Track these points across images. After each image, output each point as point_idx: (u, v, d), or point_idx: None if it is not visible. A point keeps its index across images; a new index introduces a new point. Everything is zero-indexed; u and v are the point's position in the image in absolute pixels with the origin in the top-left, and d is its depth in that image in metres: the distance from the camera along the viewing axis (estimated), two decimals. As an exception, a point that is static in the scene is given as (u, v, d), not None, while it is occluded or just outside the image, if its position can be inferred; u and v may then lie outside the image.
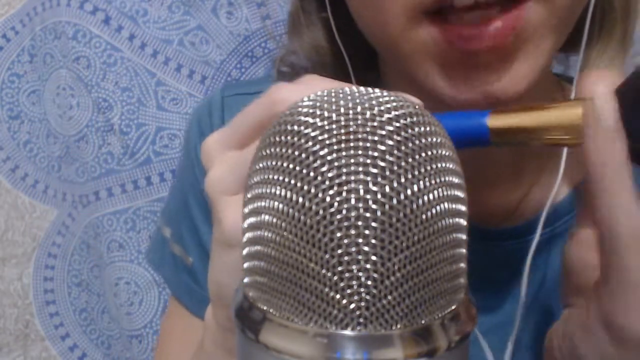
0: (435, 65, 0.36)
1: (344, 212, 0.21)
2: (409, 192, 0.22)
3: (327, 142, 0.22)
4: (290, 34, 0.52)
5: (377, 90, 0.24)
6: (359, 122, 0.22)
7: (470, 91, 0.36)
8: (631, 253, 0.28)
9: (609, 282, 0.29)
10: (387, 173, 0.22)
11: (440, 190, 0.23)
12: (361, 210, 0.21)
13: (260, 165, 0.24)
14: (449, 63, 0.36)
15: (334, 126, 0.22)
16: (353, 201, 0.21)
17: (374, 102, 0.23)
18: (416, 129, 0.23)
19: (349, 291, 0.21)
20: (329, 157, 0.22)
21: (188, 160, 0.57)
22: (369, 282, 0.21)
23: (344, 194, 0.21)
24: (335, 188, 0.22)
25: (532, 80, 0.36)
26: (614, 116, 0.28)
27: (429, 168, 0.22)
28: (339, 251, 0.21)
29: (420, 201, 0.22)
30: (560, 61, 0.48)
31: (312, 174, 0.22)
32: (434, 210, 0.22)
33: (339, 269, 0.21)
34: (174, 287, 0.57)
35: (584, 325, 0.31)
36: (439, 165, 0.23)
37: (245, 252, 0.25)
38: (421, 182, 0.22)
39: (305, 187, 0.22)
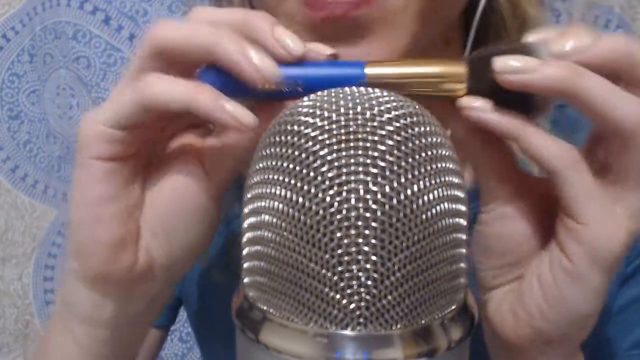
0: (303, 35, 0.37)
1: (344, 212, 0.21)
2: (409, 192, 0.22)
3: (327, 142, 0.22)
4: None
5: (377, 90, 0.24)
6: (359, 122, 0.22)
7: None
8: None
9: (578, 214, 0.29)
10: (387, 173, 0.22)
11: (440, 190, 0.23)
12: (361, 210, 0.21)
13: (260, 165, 0.24)
14: (314, 33, 0.37)
15: (334, 126, 0.22)
16: (353, 201, 0.21)
17: (374, 102, 0.23)
18: (416, 129, 0.23)
19: (349, 291, 0.21)
20: (329, 157, 0.22)
21: None
22: (369, 282, 0.21)
23: (344, 194, 0.21)
24: (335, 188, 0.22)
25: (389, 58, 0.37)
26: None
27: (429, 168, 0.22)
28: (339, 251, 0.21)
29: (420, 201, 0.22)
30: None
31: (312, 174, 0.22)
32: (434, 210, 0.22)
33: (339, 269, 0.21)
34: None
35: (565, 274, 0.30)
36: (439, 165, 0.23)
37: (245, 252, 0.25)
38: (421, 182, 0.22)
39: (306, 187, 0.22)
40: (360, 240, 0.21)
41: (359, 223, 0.21)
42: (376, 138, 0.22)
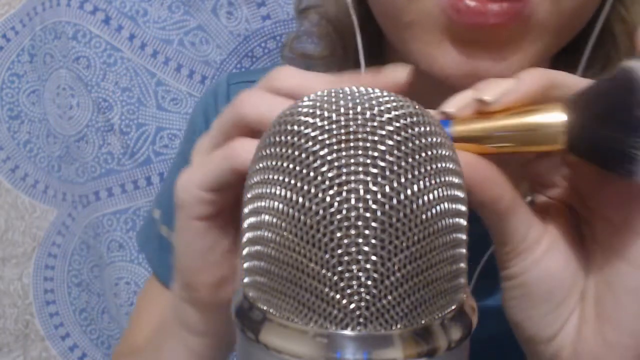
0: (436, 36, 0.36)
1: (344, 212, 0.21)
2: (409, 192, 0.22)
3: (327, 142, 0.22)
4: (300, 11, 0.53)
5: (377, 90, 0.24)
6: (359, 122, 0.22)
7: (461, 63, 0.36)
8: None
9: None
10: (387, 173, 0.22)
11: (440, 190, 0.23)
12: (361, 210, 0.21)
13: (260, 165, 0.24)
14: (450, 34, 0.36)
15: (334, 126, 0.22)
16: (353, 201, 0.21)
17: (374, 102, 0.23)
18: (416, 129, 0.23)
19: (349, 291, 0.21)
20: (329, 157, 0.22)
21: (190, 145, 0.58)
22: (369, 282, 0.21)
23: (344, 194, 0.21)
24: (335, 188, 0.22)
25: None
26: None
27: (429, 168, 0.22)
28: (339, 251, 0.21)
29: (420, 201, 0.22)
30: None
31: (312, 174, 0.22)
32: (434, 210, 0.22)
33: (339, 269, 0.21)
34: (156, 266, 0.59)
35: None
36: (439, 165, 0.23)
37: (245, 252, 0.25)
38: (421, 182, 0.22)
39: (305, 187, 0.22)
40: (360, 240, 0.21)
41: (359, 223, 0.21)
42: (376, 138, 0.22)
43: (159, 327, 0.44)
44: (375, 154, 0.22)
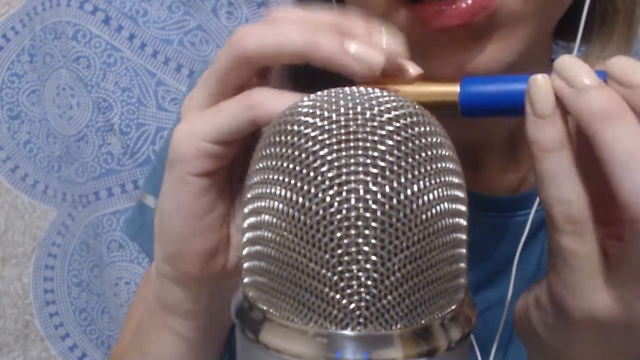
0: (413, 47, 0.35)
1: (344, 212, 0.21)
2: (409, 192, 0.22)
3: (327, 142, 0.22)
4: None
5: (377, 90, 0.24)
6: (359, 122, 0.22)
7: (444, 66, 0.36)
8: None
9: (560, 265, 0.28)
10: (387, 173, 0.22)
11: (440, 190, 0.23)
12: (361, 210, 0.21)
13: (260, 165, 0.24)
14: (426, 43, 0.36)
15: (334, 126, 0.22)
16: (353, 201, 0.21)
17: (374, 102, 0.23)
18: (416, 129, 0.23)
19: (349, 291, 0.22)
20: (329, 157, 0.22)
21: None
22: (369, 282, 0.21)
23: (344, 194, 0.21)
24: (335, 188, 0.22)
25: (507, 63, 0.36)
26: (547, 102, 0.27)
27: (428, 168, 0.22)
28: (339, 251, 0.21)
29: (420, 201, 0.22)
30: (566, 50, 0.48)
31: (312, 174, 0.22)
32: (434, 210, 0.22)
33: (339, 269, 0.21)
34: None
35: (537, 299, 0.31)
36: (439, 165, 0.23)
37: (245, 252, 0.25)
38: (421, 182, 0.22)
39: (305, 187, 0.22)
40: (360, 240, 0.21)
41: (359, 223, 0.21)
42: (376, 138, 0.22)
43: (141, 316, 0.41)
44: (375, 154, 0.22)
